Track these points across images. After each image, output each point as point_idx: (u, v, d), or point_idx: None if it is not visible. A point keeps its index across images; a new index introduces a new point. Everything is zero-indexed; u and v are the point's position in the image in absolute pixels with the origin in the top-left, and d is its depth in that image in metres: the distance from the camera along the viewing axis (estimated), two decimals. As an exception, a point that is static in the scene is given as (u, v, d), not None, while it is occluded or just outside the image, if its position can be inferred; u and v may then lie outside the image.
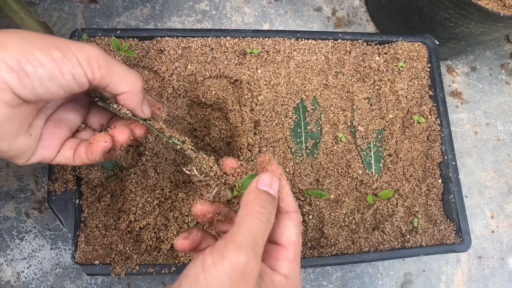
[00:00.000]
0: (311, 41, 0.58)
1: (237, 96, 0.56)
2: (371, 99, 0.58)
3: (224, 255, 0.27)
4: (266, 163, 0.35)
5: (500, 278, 0.66)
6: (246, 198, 0.31)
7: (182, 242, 0.35)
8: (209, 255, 0.28)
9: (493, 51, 0.77)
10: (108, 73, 0.32)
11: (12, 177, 0.58)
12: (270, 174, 0.33)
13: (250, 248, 0.28)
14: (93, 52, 0.31)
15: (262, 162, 0.35)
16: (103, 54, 0.32)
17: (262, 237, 0.29)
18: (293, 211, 0.34)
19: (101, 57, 0.32)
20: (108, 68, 0.32)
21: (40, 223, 0.57)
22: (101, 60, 0.31)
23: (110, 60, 0.32)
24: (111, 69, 0.32)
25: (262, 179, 0.32)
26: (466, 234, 0.54)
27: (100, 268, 0.47)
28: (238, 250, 0.27)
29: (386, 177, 0.56)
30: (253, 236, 0.28)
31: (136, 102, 0.35)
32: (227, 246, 0.27)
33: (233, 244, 0.27)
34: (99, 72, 0.31)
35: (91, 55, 0.31)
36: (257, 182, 0.32)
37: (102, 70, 0.32)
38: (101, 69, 0.31)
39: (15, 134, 0.31)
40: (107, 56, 0.32)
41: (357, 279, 0.62)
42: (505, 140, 0.72)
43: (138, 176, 0.50)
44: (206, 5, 0.70)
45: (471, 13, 0.56)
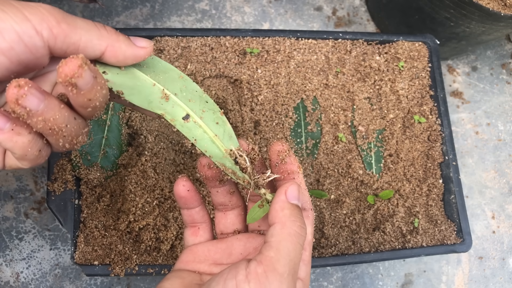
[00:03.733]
0: (311, 41, 0.58)
1: (237, 96, 0.55)
2: (371, 99, 0.58)
3: (266, 286, 0.25)
4: (285, 154, 0.32)
5: (501, 278, 0.66)
6: (282, 215, 0.28)
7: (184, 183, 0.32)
8: (246, 282, 0.25)
9: (494, 51, 0.77)
10: (72, 28, 0.25)
11: (11, 177, 0.57)
12: (296, 184, 0.29)
13: (291, 278, 0.26)
14: (45, 7, 0.24)
15: (280, 153, 0.31)
16: (58, 9, 0.25)
17: (299, 261, 0.27)
18: (310, 208, 0.32)
19: (56, 11, 0.24)
20: (69, 22, 0.25)
21: (39, 224, 0.56)
22: (57, 14, 0.24)
23: (68, 14, 0.25)
24: (74, 23, 0.25)
25: (292, 192, 0.29)
26: (467, 234, 0.54)
27: (100, 269, 0.47)
28: (280, 281, 0.25)
29: (387, 177, 0.56)
30: (293, 264, 0.26)
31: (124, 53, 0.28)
32: (268, 276, 0.25)
33: (275, 274, 0.25)
34: (59, 27, 0.24)
35: (43, 10, 0.24)
36: (287, 195, 0.29)
37: (62, 25, 0.24)
38: (61, 23, 0.24)
39: None
40: (63, 11, 0.25)
41: (358, 280, 0.62)
42: (506, 140, 0.72)
43: (137, 176, 0.49)
44: (206, 5, 0.70)
45: (471, 12, 0.56)
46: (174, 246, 0.49)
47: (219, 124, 0.31)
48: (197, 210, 0.34)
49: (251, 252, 0.33)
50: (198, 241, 0.35)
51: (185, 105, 0.30)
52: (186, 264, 0.33)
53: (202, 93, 0.31)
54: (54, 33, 0.24)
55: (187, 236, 0.35)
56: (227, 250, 0.33)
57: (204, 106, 0.31)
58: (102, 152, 0.50)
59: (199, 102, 0.31)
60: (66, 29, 0.24)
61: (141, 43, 0.29)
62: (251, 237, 0.34)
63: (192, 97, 0.31)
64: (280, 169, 0.32)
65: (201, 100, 0.31)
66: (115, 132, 0.51)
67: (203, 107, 0.31)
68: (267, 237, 0.27)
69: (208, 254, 0.33)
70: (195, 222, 0.35)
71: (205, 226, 0.35)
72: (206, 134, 0.30)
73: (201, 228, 0.35)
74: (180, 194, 0.33)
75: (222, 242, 0.34)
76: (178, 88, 0.31)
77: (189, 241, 0.35)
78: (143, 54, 0.29)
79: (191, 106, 0.31)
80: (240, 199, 0.35)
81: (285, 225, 0.27)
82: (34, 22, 0.23)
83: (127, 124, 0.52)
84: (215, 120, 0.31)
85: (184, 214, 0.35)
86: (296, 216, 0.28)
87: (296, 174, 0.32)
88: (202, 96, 0.31)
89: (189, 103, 0.31)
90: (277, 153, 0.31)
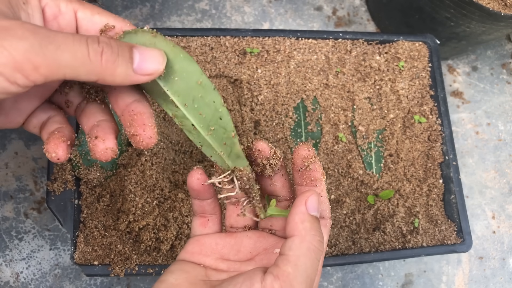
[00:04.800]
0: (311, 41, 0.58)
1: (237, 95, 0.55)
2: (371, 98, 0.58)
3: None
4: (310, 161, 0.30)
5: (501, 278, 0.66)
6: (301, 228, 0.27)
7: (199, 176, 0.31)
8: None
9: (494, 51, 0.77)
10: (53, 69, 0.22)
11: (11, 177, 0.57)
12: (316, 194, 0.28)
13: None
14: (20, 50, 0.21)
15: (305, 159, 0.30)
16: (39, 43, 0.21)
17: (315, 276, 0.26)
18: (328, 217, 0.31)
19: (34, 53, 0.21)
20: (49, 63, 0.21)
21: (39, 224, 0.56)
22: (35, 57, 0.21)
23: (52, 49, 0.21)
24: (56, 61, 0.22)
25: (312, 202, 0.28)
26: (467, 234, 0.54)
27: (99, 269, 0.47)
28: None
29: (387, 177, 0.56)
30: (310, 280, 0.25)
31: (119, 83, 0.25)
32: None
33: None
34: (36, 73, 0.21)
35: (17, 56, 0.20)
36: (307, 206, 0.27)
37: (41, 69, 0.21)
38: (39, 69, 0.21)
39: None
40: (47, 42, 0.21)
41: (358, 280, 0.62)
42: (506, 140, 0.72)
43: (137, 176, 0.49)
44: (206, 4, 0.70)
45: (472, 12, 0.56)
46: (174, 246, 0.49)
47: (226, 144, 0.29)
48: (208, 202, 0.33)
49: (261, 252, 0.32)
50: (206, 232, 0.34)
51: (193, 119, 0.28)
52: (192, 256, 0.32)
53: (219, 106, 0.28)
54: (31, 79, 0.22)
55: (195, 226, 0.34)
56: (236, 246, 0.33)
57: (216, 123, 0.28)
58: (102, 152, 0.50)
59: (211, 118, 0.28)
60: (45, 73, 0.22)
61: (146, 67, 0.25)
62: (261, 236, 0.33)
63: (204, 111, 0.28)
64: (303, 175, 0.30)
65: (214, 116, 0.28)
66: (115, 132, 0.51)
67: (214, 123, 0.28)
68: (285, 249, 0.26)
69: (216, 248, 0.32)
70: (205, 213, 0.34)
71: (215, 218, 0.34)
72: (211, 147, 0.29)
73: (210, 219, 0.34)
74: (194, 187, 0.31)
75: (231, 236, 0.33)
76: (191, 98, 0.27)
77: (197, 231, 0.34)
78: (144, 80, 0.26)
79: (199, 121, 0.28)
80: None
81: (305, 239, 0.26)
82: (6, 75, 0.21)
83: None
84: (223, 141, 0.29)
85: (195, 204, 0.33)
86: (316, 230, 0.27)
87: (319, 182, 0.30)
88: (218, 110, 0.28)
89: (199, 117, 0.28)
90: (302, 158, 0.30)
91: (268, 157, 0.31)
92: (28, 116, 0.29)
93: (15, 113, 0.28)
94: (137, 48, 0.25)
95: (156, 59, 0.25)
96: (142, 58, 0.25)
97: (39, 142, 0.59)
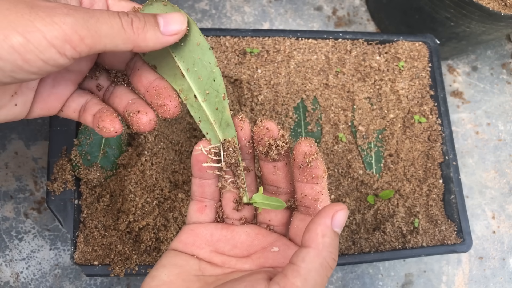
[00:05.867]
0: (311, 41, 0.58)
1: (237, 95, 0.55)
2: (371, 98, 0.58)
3: None
4: (312, 157, 0.29)
5: (501, 278, 0.66)
6: (321, 241, 0.25)
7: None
8: None
9: (494, 51, 0.77)
10: (96, 40, 0.25)
11: (11, 177, 0.57)
12: (346, 211, 0.26)
13: None
14: (68, 23, 0.24)
15: (306, 155, 0.29)
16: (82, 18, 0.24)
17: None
18: None
19: (80, 26, 0.24)
20: (93, 35, 0.25)
21: (39, 224, 0.56)
22: (81, 29, 0.24)
23: (92, 20, 0.25)
24: (98, 33, 0.25)
25: (340, 219, 0.26)
26: (467, 234, 0.54)
27: (99, 269, 0.47)
28: None
29: (387, 177, 0.56)
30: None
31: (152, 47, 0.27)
32: None
33: None
34: (83, 44, 0.24)
35: (65, 28, 0.24)
36: (333, 220, 0.26)
37: (86, 40, 0.24)
38: (84, 40, 0.24)
39: None
40: (88, 17, 0.25)
41: (358, 280, 0.62)
42: (506, 140, 0.72)
43: (137, 176, 0.49)
44: (205, 4, 0.70)
45: (472, 12, 0.56)
46: (174, 246, 0.49)
47: (218, 109, 0.30)
48: (209, 183, 0.32)
49: (258, 251, 0.31)
50: (202, 220, 0.32)
51: (193, 84, 0.30)
52: (185, 246, 0.31)
53: (213, 67, 0.30)
54: (78, 50, 0.25)
55: (192, 212, 0.33)
56: (232, 240, 0.32)
57: (210, 85, 0.30)
58: (102, 152, 0.50)
59: (207, 80, 0.30)
60: (90, 43, 0.25)
61: (171, 29, 0.28)
62: (260, 234, 0.32)
63: (202, 74, 0.30)
64: (304, 172, 0.29)
65: (209, 78, 0.30)
66: (115, 132, 0.51)
67: (208, 87, 0.30)
68: (297, 259, 0.25)
69: (211, 240, 0.31)
70: (204, 196, 0.32)
71: (213, 204, 0.33)
72: (207, 120, 0.31)
73: (208, 206, 0.33)
74: (198, 157, 0.31)
75: (227, 229, 0.32)
76: (192, 62, 0.30)
77: (193, 218, 0.33)
78: (172, 41, 0.28)
79: (198, 86, 0.30)
80: (253, 183, 0.33)
81: (321, 255, 0.25)
82: (58, 47, 0.24)
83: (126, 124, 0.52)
84: (216, 105, 0.30)
85: (195, 183, 0.32)
86: (334, 247, 0.25)
87: (321, 179, 0.29)
88: (213, 71, 0.30)
89: (197, 81, 0.30)
90: (304, 155, 0.29)
91: (276, 138, 0.30)
92: (66, 102, 0.32)
93: (53, 98, 0.31)
94: (160, 15, 0.28)
95: (178, 20, 0.28)
96: (166, 22, 0.28)
97: (39, 142, 0.59)
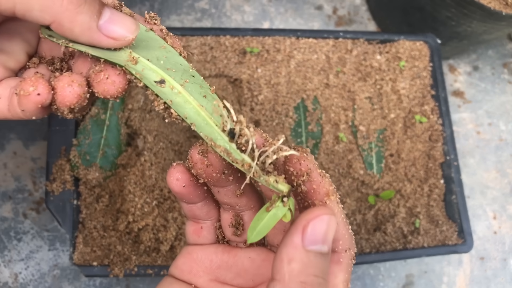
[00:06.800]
0: (311, 40, 0.58)
1: (236, 95, 0.55)
2: (372, 98, 0.58)
3: None
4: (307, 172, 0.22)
5: (503, 279, 0.65)
6: (285, 269, 0.19)
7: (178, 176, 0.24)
8: None
9: (496, 50, 0.77)
10: None
11: (9, 177, 0.57)
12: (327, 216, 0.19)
13: None
14: None
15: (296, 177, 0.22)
16: None
17: None
18: (345, 249, 0.22)
19: None
20: None
21: (38, 224, 0.56)
22: None
23: None
24: None
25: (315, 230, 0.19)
26: (468, 235, 0.54)
27: (99, 270, 0.46)
28: None
29: (388, 177, 0.55)
30: None
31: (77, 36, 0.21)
32: None
33: None
34: None
35: None
36: (303, 236, 0.19)
37: None
38: None
39: None
40: None
41: (358, 281, 0.62)
42: (507, 140, 0.72)
43: (136, 176, 0.49)
44: (205, 4, 0.70)
45: (473, 11, 0.56)
46: (174, 247, 0.49)
47: (207, 98, 0.24)
48: (199, 206, 0.27)
49: (265, 281, 0.25)
50: (200, 242, 0.28)
51: (161, 70, 0.24)
52: (182, 273, 0.27)
53: (188, 68, 0.25)
54: None
55: (189, 233, 0.28)
56: (234, 267, 0.26)
57: (189, 78, 0.25)
58: (101, 152, 0.50)
59: (182, 73, 0.25)
60: None
61: (113, 30, 0.22)
62: (267, 260, 0.26)
63: (173, 67, 0.25)
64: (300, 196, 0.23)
65: (185, 73, 0.25)
66: (114, 132, 0.50)
67: (186, 78, 0.25)
68: None
69: (210, 267, 0.27)
70: (198, 218, 0.28)
71: (210, 225, 0.28)
72: (189, 104, 0.24)
73: (204, 227, 0.28)
74: (174, 189, 0.25)
75: (229, 253, 0.27)
76: (154, 56, 0.25)
77: (190, 239, 0.29)
78: (106, 44, 0.22)
79: (169, 74, 0.24)
80: (254, 199, 0.26)
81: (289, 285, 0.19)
82: None
83: (126, 124, 0.51)
84: (202, 94, 0.24)
85: (183, 207, 0.27)
86: (309, 275, 0.19)
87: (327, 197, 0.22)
88: (188, 70, 0.25)
89: (167, 71, 0.24)
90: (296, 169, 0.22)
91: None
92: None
93: None
94: (110, 8, 0.22)
95: (128, 26, 0.22)
96: (112, 19, 0.22)
97: (38, 142, 0.59)
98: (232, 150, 0.22)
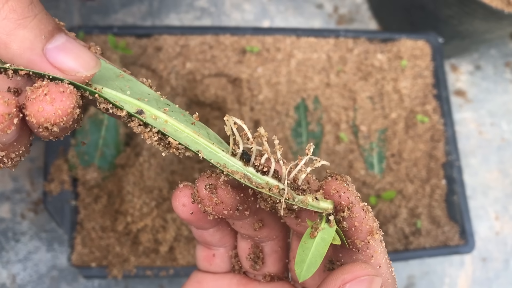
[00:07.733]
0: (312, 39, 0.57)
1: (236, 95, 0.54)
2: (373, 98, 0.57)
3: None
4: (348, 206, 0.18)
5: (505, 280, 0.65)
6: None
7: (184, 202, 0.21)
8: None
9: (498, 49, 0.76)
10: None
11: (7, 178, 0.57)
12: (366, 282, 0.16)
13: None
14: None
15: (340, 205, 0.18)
16: None
17: None
18: None
19: None
20: None
21: (36, 225, 0.56)
22: None
23: None
24: None
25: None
26: (470, 235, 0.53)
27: (97, 271, 0.46)
28: None
29: (389, 177, 0.55)
30: None
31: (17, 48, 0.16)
32: None
33: None
34: None
35: None
36: None
37: None
38: None
39: None
40: None
41: (359, 282, 0.61)
42: (509, 140, 0.71)
43: (135, 176, 0.49)
44: (205, 2, 0.69)
45: (475, 10, 0.55)
46: (173, 248, 0.48)
47: (196, 125, 0.21)
48: (210, 232, 0.23)
49: None
50: (213, 270, 0.24)
51: (134, 100, 0.21)
52: None
53: (158, 96, 0.22)
54: None
55: (199, 259, 0.25)
56: None
57: (166, 107, 0.22)
58: (99, 152, 0.49)
59: (156, 102, 0.22)
60: None
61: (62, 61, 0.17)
62: None
63: (143, 97, 0.21)
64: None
65: (159, 101, 0.22)
66: (112, 132, 0.50)
67: (163, 106, 0.21)
68: None
69: None
70: (209, 244, 0.24)
71: (224, 252, 0.24)
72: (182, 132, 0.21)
73: (217, 255, 0.24)
74: (180, 215, 0.22)
75: (245, 287, 0.24)
76: (117, 86, 0.21)
77: (201, 266, 0.25)
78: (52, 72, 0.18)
79: (144, 103, 0.21)
80: (276, 228, 0.23)
81: None
82: None
83: (124, 124, 0.51)
84: (189, 121, 0.21)
85: (193, 231, 0.24)
86: None
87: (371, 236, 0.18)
88: (159, 99, 0.22)
89: (140, 101, 0.21)
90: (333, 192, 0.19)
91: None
92: None
93: None
94: (67, 35, 0.18)
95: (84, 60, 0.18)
96: (66, 47, 0.18)
97: (36, 141, 0.58)
98: (251, 174, 0.19)
